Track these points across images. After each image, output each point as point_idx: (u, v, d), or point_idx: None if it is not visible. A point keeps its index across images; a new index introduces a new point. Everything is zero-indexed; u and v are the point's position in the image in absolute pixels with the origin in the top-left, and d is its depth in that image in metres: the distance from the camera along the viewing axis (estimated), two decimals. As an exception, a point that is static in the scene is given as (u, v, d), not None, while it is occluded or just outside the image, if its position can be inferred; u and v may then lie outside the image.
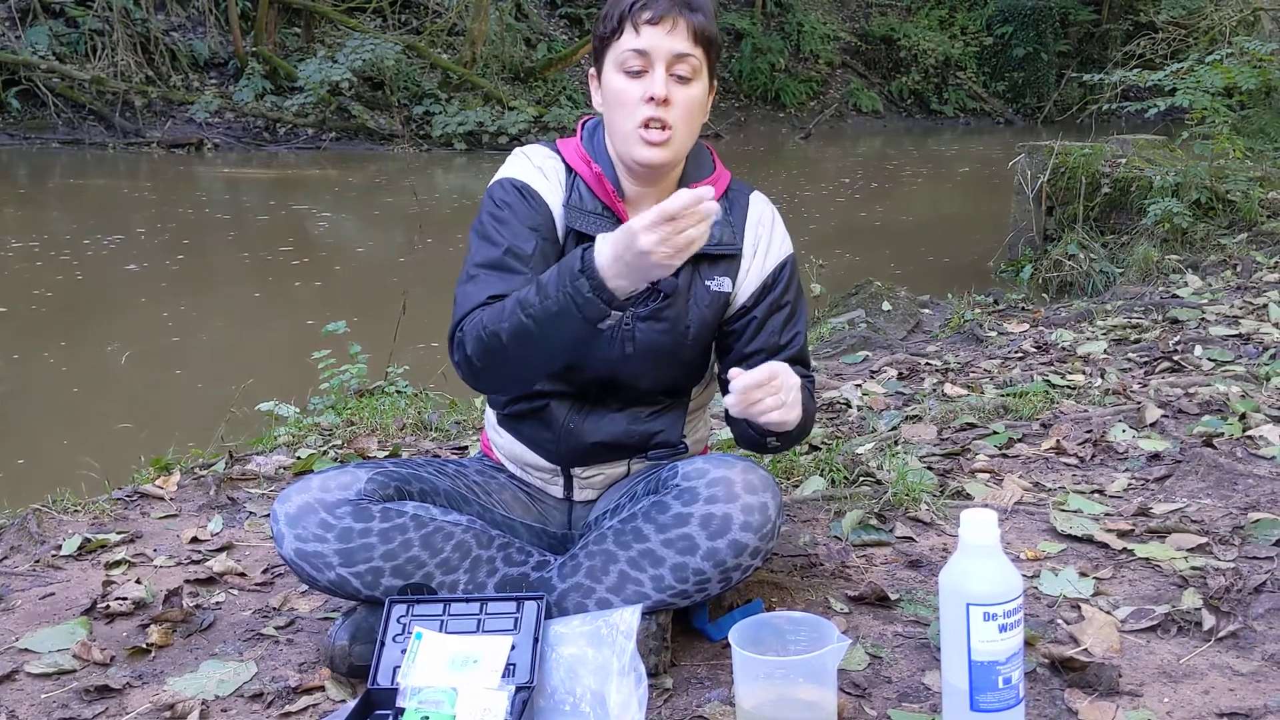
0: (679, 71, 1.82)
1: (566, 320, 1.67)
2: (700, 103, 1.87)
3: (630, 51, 1.82)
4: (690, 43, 1.82)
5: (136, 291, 7.45)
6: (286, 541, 1.81)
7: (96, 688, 1.83)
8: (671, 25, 1.81)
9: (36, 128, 14.23)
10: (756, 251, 1.96)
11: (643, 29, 1.81)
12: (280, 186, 12.27)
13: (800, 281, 2.04)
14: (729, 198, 1.98)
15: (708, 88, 1.89)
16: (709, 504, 1.74)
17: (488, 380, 1.84)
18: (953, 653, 1.52)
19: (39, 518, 2.63)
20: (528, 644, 1.70)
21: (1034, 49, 20.57)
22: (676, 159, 1.89)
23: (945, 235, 9.35)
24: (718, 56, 1.91)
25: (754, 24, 19.66)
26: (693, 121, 1.87)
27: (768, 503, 1.76)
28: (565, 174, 1.94)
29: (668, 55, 1.81)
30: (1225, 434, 2.82)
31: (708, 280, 1.92)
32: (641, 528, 1.77)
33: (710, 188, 1.81)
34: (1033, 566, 2.15)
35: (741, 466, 1.78)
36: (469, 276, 1.87)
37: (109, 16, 14.82)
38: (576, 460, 2.00)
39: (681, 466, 1.81)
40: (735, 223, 1.96)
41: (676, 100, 1.82)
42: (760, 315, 1.94)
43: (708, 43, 1.85)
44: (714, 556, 1.74)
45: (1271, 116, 8.76)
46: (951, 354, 4.14)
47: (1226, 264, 5.49)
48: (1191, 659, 1.80)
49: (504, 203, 1.90)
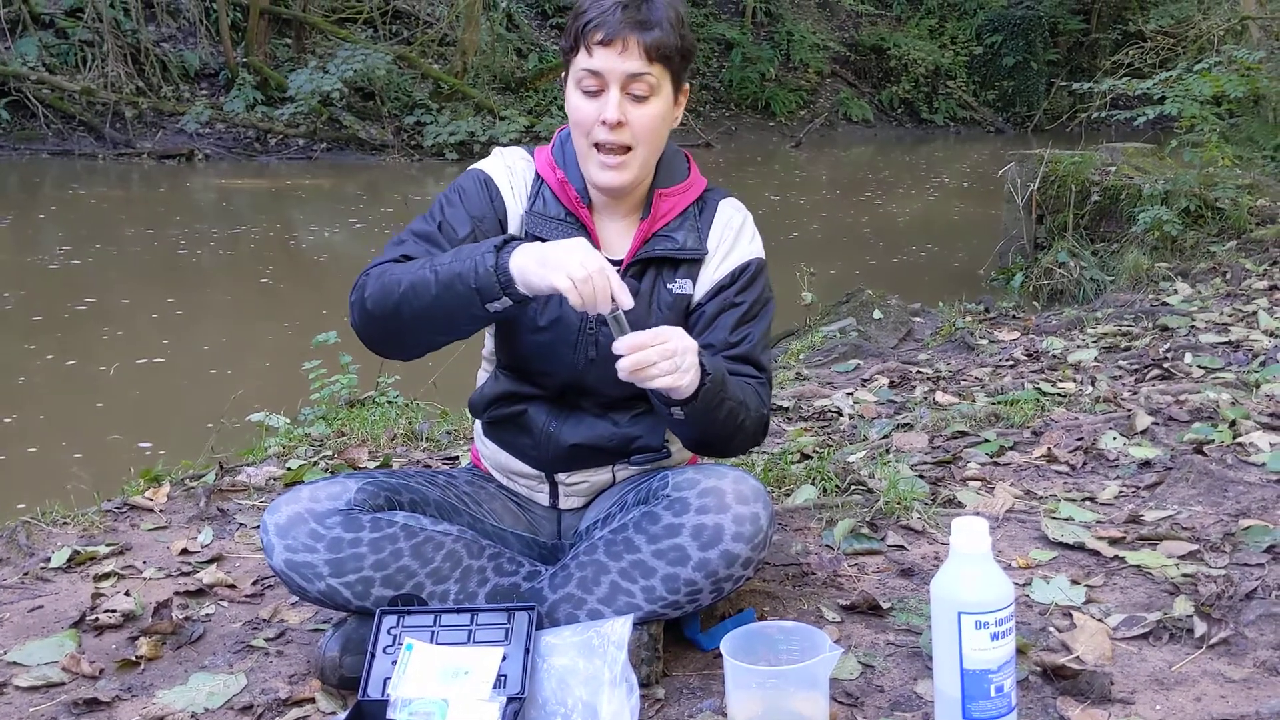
0: (635, 91, 1.81)
1: (461, 285, 1.68)
2: (660, 119, 1.85)
3: (585, 71, 1.82)
4: (644, 62, 1.80)
5: (127, 302, 7.43)
6: (276, 552, 1.81)
7: (85, 701, 1.82)
8: (623, 47, 1.79)
9: (26, 138, 14.19)
10: (718, 254, 1.94)
11: (595, 50, 1.80)
12: (271, 197, 12.25)
13: (768, 289, 2.00)
14: (701, 204, 1.97)
15: (672, 100, 1.87)
16: (700, 514, 1.74)
17: (374, 328, 1.80)
18: (945, 661, 1.52)
19: (28, 530, 2.61)
20: (519, 655, 1.70)
21: (1023, 58, 20.65)
22: (636, 180, 1.88)
23: (936, 243, 9.37)
24: (686, 62, 1.87)
25: (744, 34, 19.71)
26: (655, 138, 1.86)
27: (759, 513, 1.76)
28: (533, 180, 1.96)
29: (621, 76, 1.80)
30: (1216, 441, 2.83)
31: (669, 284, 1.92)
32: (633, 538, 1.77)
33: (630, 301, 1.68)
34: (1024, 574, 2.15)
35: (733, 477, 1.78)
36: (399, 240, 1.90)
37: (99, 27, 14.79)
38: (559, 465, 1.99)
39: (672, 476, 1.81)
40: (702, 227, 1.95)
41: (632, 120, 1.82)
42: (710, 311, 1.92)
43: (666, 58, 1.81)
44: (705, 567, 1.74)
45: (1260, 124, 8.81)
46: (943, 362, 4.15)
47: (1216, 271, 5.51)
48: (1183, 666, 1.80)
49: (462, 188, 1.94)
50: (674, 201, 1.93)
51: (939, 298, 5.63)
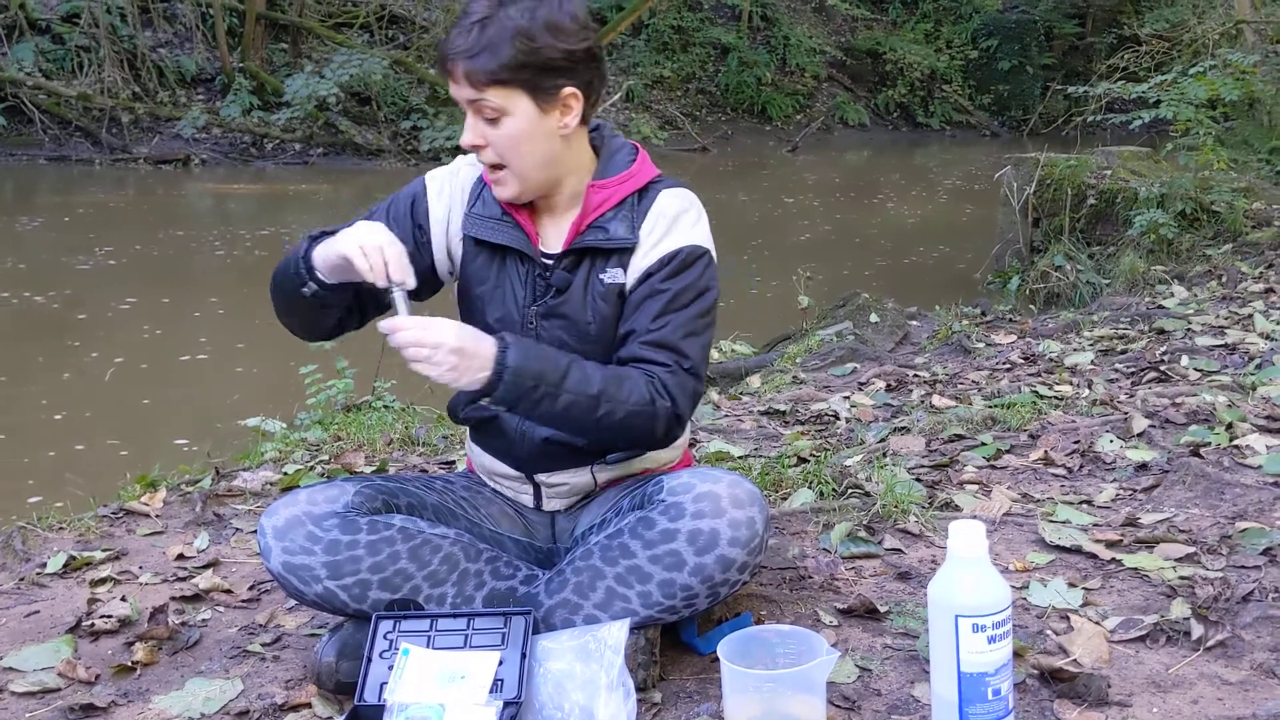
0: (483, 114, 1.82)
1: (289, 270, 1.87)
2: (521, 137, 1.82)
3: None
4: (472, 90, 1.79)
5: (123, 307, 7.42)
6: (274, 555, 1.80)
7: (82, 706, 1.82)
8: (454, 77, 1.80)
9: (23, 144, 14.18)
10: (649, 241, 1.90)
11: (449, 79, 1.84)
12: (268, 202, 12.25)
13: (705, 279, 1.91)
14: (642, 193, 1.93)
15: (536, 114, 1.82)
16: (696, 519, 1.74)
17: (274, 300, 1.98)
18: (942, 664, 1.52)
19: (24, 535, 2.61)
20: (515, 659, 1.70)
21: (1019, 62, 20.67)
22: (526, 190, 1.88)
23: (932, 247, 9.38)
24: (539, 74, 1.79)
25: (740, 38, 19.73)
26: (523, 154, 1.84)
27: (755, 517, 1.76)
28: (475, 184, 1.99)
29: (466, 102, 1.82)
30: (1212, 443, 2.83)
31: (602, 274, 1.90)
32: (628, 544, 1.77)
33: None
34: (1021, 577, 2.15)
35: (728, 481, 1.78)
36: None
37: (95, 33, 14.79)
38: (537, 465, 1.98)
39: (667, 481, 1.81)
40: (637, 217, 1.91)
41: (492, 140, 1.83)
42: (635, 298, 1.88)
43: (498, 81, 1.77)
44: (701, 572, 1.74)
45: (1255, 128, 8.83)
46: (939, 365, 4.15)
47: (1212, 274, 5.52)
48: (1180, 668, 1.80)
49: (396, 195, 2.02)
50: (608, 193, 1.90)
51: (936, 301, 5.64)
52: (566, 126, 1.85)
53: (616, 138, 1.98)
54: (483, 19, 1.77)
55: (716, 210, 7.55)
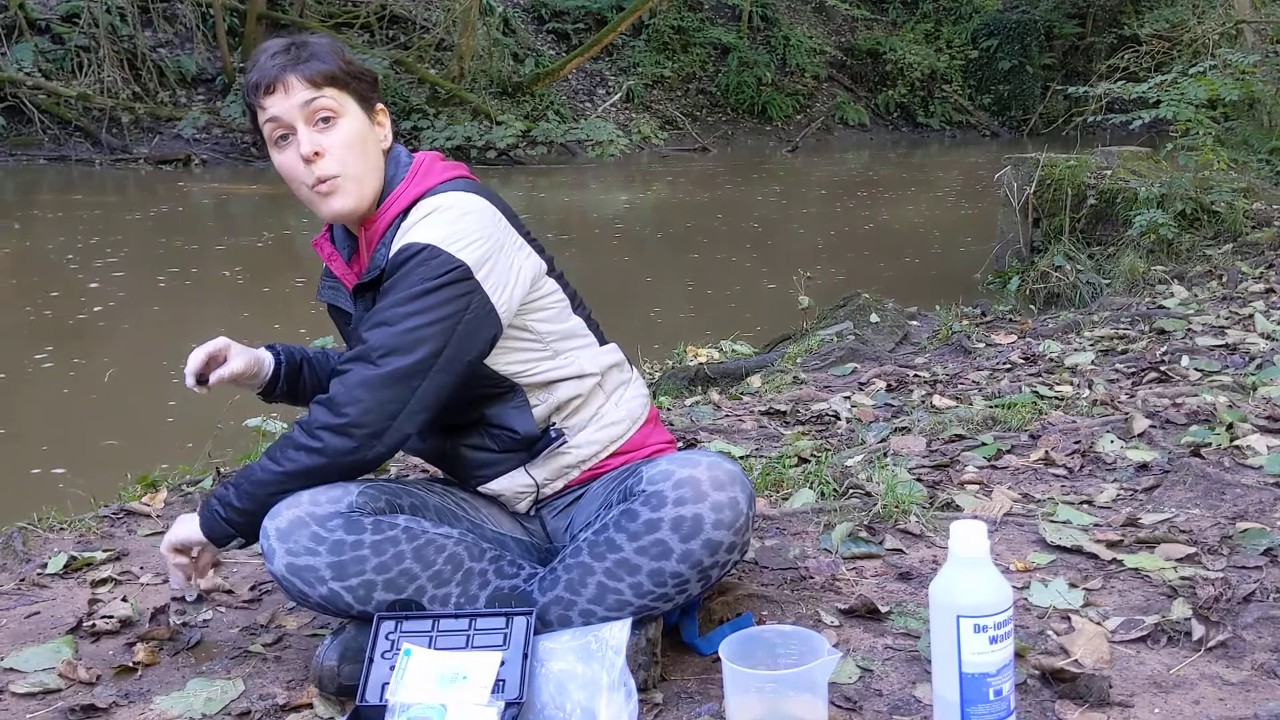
0: (320, 117, 1.85)
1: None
2: (358, 137, 1.87)
3: (270, 123, 1.87)
4: (310, 89, 1.84)
5: (123, 307, 7.43)
6: (277, 557, 1.80)
7: (82, 707, 1.82)
8: (286, 87, 1.84)
9: (23, 144, 14.20)
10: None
11: (266, 101, 1.85)
12: (269, 202, 12.25)
13: (419, 276, 1.78)
14: (409, 210, 1.88)
15: (364, 120, 1.90)
16: (678, 506, 1.73)
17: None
18: (943, 665, 1.52)
19: (24, 536, 2.61)
20: (517, 660, 1.70)
21: (1019, 62, 20.69)
22: (361, 200, 1.89)
23: (932, 247, 9.39)
24: (364, 83, 1.91)
25: (740, 38, 19.75)
26: (363, 156, 1.88)
27: (737, 497, 1.75)
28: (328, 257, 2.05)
29: (299, 110, 1.84)
30: (1213, 444, 2.83)
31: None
32: (614, 538, 1.77)
33: None
34: (1022, 578, 2.16)
35: (707, 463, 1.77)
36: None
37: (95, 33, 14.80)
38: (468, 476, 2.01)
39: (646, 470, 1.80)
40: (399, 236, 1.86)
41: (329, 146, 1.85)
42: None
43: (332, 80, 1.85)
44: (690, 558, 1.74)
45: (1255, 128, 8.83)
46: (940, 365, 4.15)
47: (1212, 274, 5.52)
48: (1181, 669, 1.80)
49: None
50: (375, 228, 1.92)
51: (936, 301, 5.64)
52: (385, 139, 1.94)
53: (398, 159, 1.95)
54: (291, 44, 1.88)
55: (717, 210, 7.61)
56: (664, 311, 7.36)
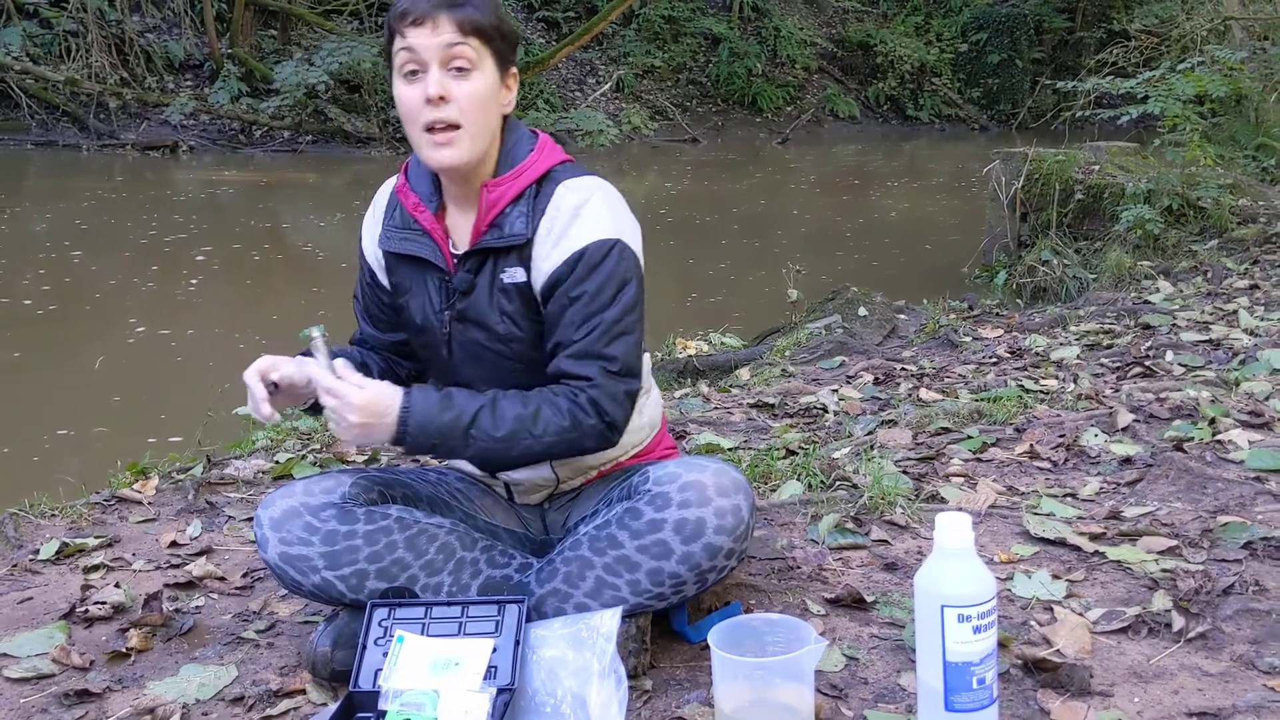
0: (456, 64, 1.80)
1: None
2: (485, 94, 1.83)
3: (403, 53, 1.82)
4: (457, 33, 1.79)
5: (112, 294, 7.40)
6: (271, 546, 1.82)
7: (76, 692, 1.83)
8: (434, 25, 1.79)
9: (10, 129, 14.11)
10: (548, 241, 1.85)
11: (408, 31, 1.81)
12: (257, 189, 12.22)
13: (624, 268, 1.85)
14: (540, 184, 1.89)
15: (497, 79, 1.86)
16: (682, 509, 1.76)
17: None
18: (928, 654, 1.54)
19: (16, 522, 2.62)
20: (509, 646, 1.72)
21: (1009, 56, 20.70)
22: (473, 157, 1.85)
23: (921, 241, 9.41)
24: (507, 43, 1.87)
25: (731, 29, 19.71)
26: (485, 114, 1.84)
27: (740, 505, 1.78)
28: (389, 199, 2.00)
29: (438, 51, 1.79)
30: (1195, 438, 2.86)
31: (502, 274, 1.88)
32: (616, 534, 1.79)
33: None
34: (1006, 569, 2.18)
35: (713, 470, 1.80)
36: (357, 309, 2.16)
37: (83, 18, 14.70)
38: (490, 463, 2.00)
39: (653, 471, 1.83)
40: (535, 213, 1.87)
41: (455, 95, 1.80)
42: (553, 311, 1.85)
43: (480, 32, 1.81)
44: (689, 561, 1.76)
45: (1242, 124, 8.86)
46: (927, 359, 4.18)
47: (1197, 270, 5.55)
48: (1161, 660, 1.83)
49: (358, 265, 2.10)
50: (501, 191, 1.87)
51: (923, 295, 5.66)
52: (509, 104, 1.90)
53: (519, 128, 1.94)
54: None
55: (706, 202, 7.61)
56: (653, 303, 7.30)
